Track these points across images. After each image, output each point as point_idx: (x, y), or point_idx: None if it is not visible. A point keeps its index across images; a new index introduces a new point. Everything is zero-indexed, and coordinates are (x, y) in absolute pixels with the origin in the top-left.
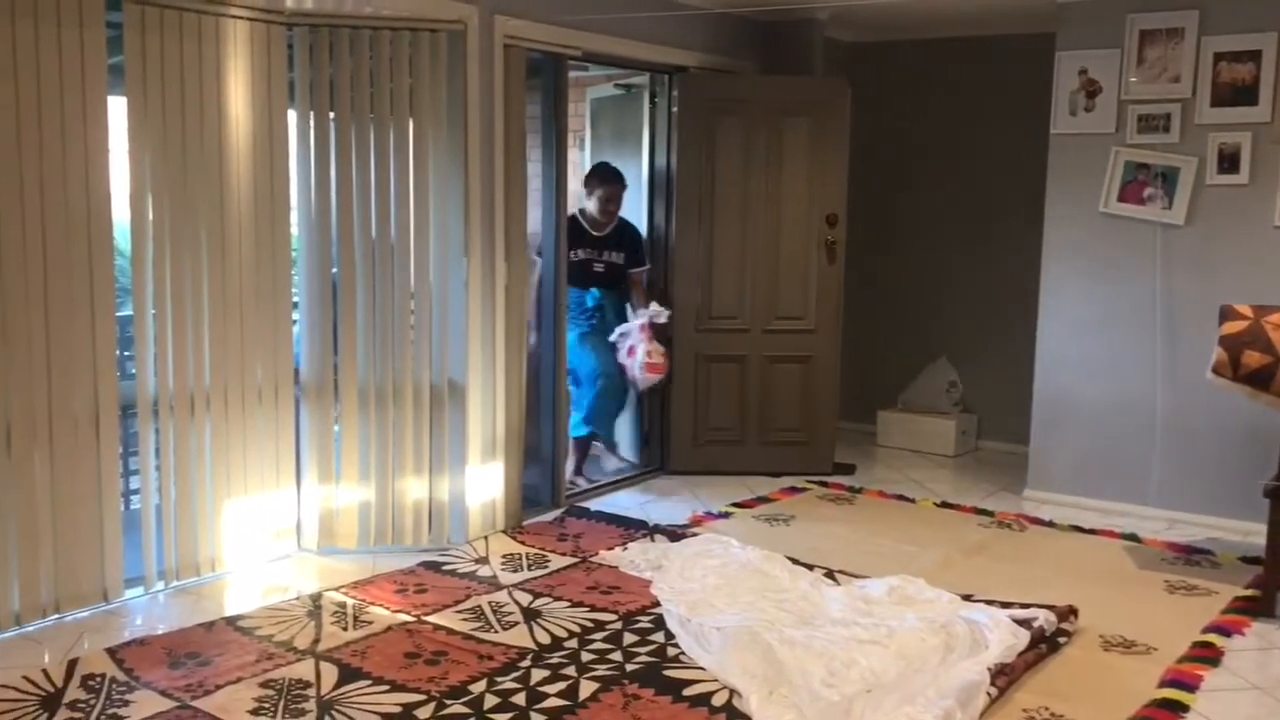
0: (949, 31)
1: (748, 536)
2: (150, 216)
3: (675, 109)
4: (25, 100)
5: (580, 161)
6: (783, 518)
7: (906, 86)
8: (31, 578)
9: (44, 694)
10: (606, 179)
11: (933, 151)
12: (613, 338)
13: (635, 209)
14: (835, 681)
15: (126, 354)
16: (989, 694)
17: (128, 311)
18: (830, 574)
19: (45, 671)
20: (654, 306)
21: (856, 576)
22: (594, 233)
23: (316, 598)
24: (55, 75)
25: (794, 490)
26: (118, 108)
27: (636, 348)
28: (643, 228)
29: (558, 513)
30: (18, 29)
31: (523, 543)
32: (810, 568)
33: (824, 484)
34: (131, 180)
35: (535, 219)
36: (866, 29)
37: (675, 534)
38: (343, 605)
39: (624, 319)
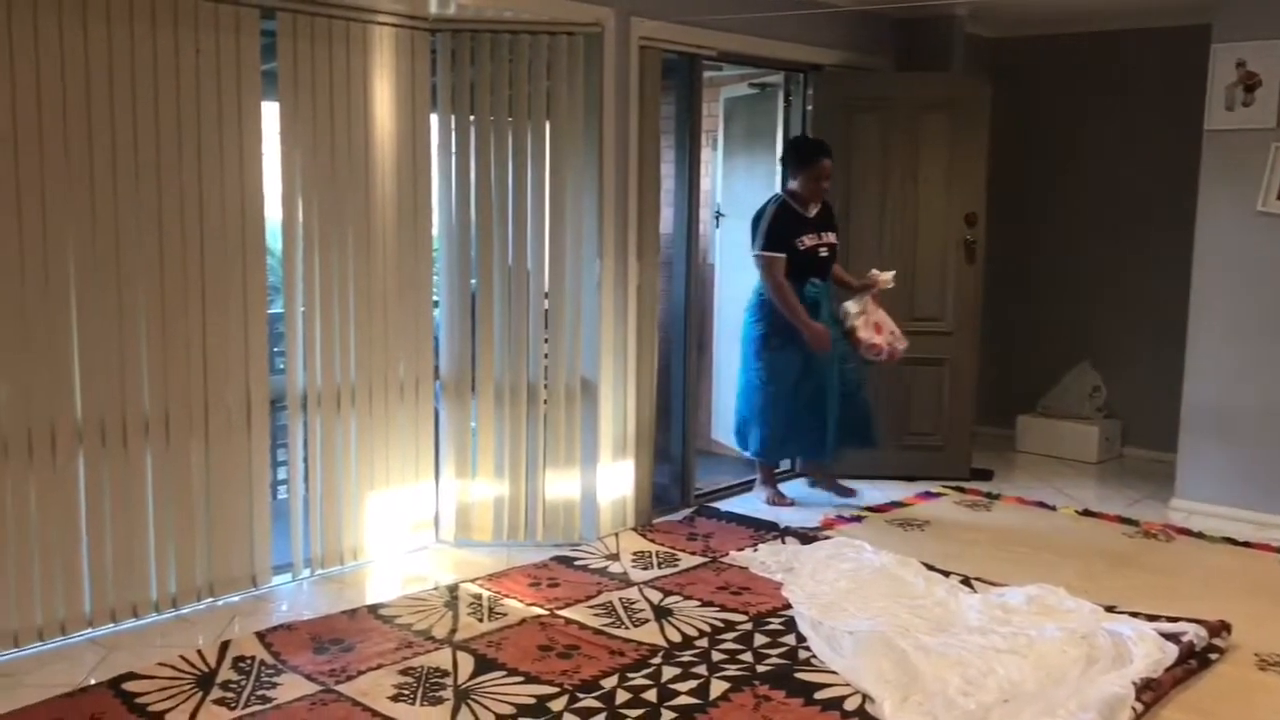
0: (1094, 25)
1: (881, 541)
2: (300, 217)
3: (810, 108)
4: (185, 107)
5: (713, 161)
6: (917, 523)
7: (1049, 82)
8: (187, 562)
9: (199, 673)
10: (818, 152)
11: (1078, 149)
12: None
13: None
14: (972, 690)
15: (277, 350)
16: (1134, 709)
17: (278, 309)
18: (966, 581)
19: (200, 652)
20: (875, 272)
21: (994, 584)
22: (807, 214)
23: (453, 589)
24: (214, 82)
25: (929, 495)
26: (270, 113)
27: (883, 323)
28: None
29: (687, 512)
30: (179, 37)
31: (653, 541)
32: (946, 574)
33: (960, 489)
34: (283, 182)
35: (667, 219)
36: (1007, 24)
37: (807, 537)
38: (478, 597)
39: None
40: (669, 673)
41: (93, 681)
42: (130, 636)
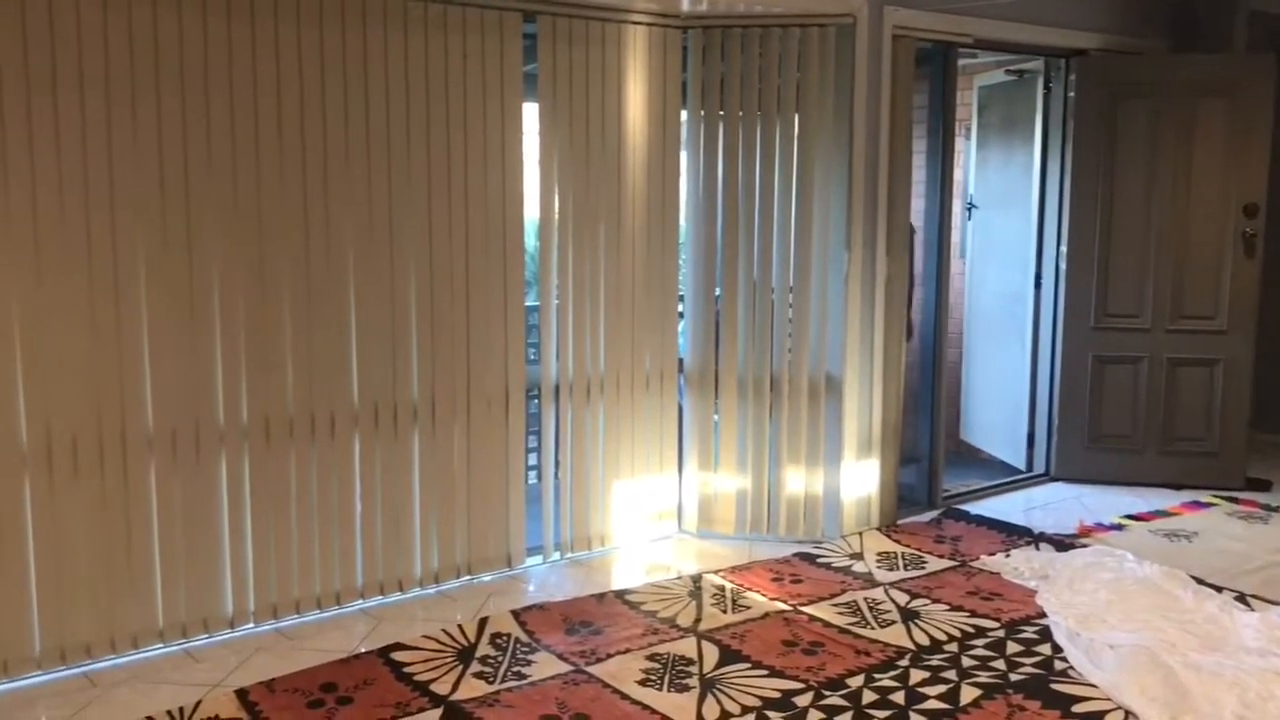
0: None
1: (1144, 551)
2: (555, 214)
3: (1072, 94)
4: (454, 109)
5: (966, 151)
6: (1184, 534)
7: None
8: (448, 541)
9: (460, 647)
10: None
11: None
12: None
13: (1024, 198)
14: (1249, 715)
15: (531, 341)
16: None
17: (533, 302)
18: (1242, 598)
19: (460, 627)
20: None
21: (1274, 603)
22: None
23: (697, 579)
24: (479, 85)
25: (1198, 505)
26: (529, 113)
27: None
28: (1033, 219)
29: (934, 514)
30: (449, 42)
31: (898, 541)
32: (1218, 589)
33: (1234, 500)
34: (541, 181)
35: (918, 211)
36: None
37: (1062, 543)
38: (721, 588)
39: None
40: (917, 676)
41: (363, 649)
42: (395, 609)
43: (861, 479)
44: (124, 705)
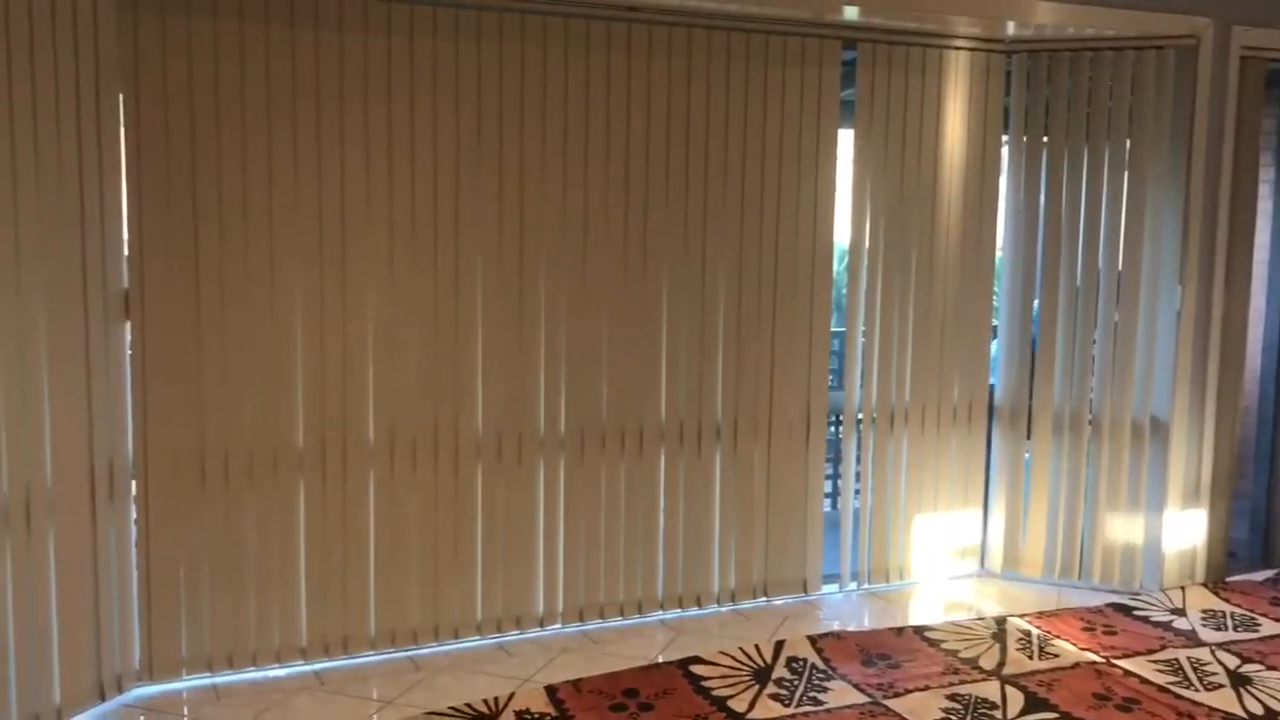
0: None
1: None
2: (866, 240)
3: None
4: (770, 136)
5: None
6: None
7: None
8: (746, 561)
9: (756, 666)
10: None
11: None
12: None
13: None
14: None
15: (834, 368)
16: None
17: (839, 327)
18: None
19: (757, 647)
20: None
21: None
22: None
23: (1001, 621)
24: (796, 111)
25: None
26: (844, 139)
27: None
28: None
29: (1270, 573)
30: (769, 71)
31: (1226, 600)
32: None
33: None
34: (853, 206)
35: (1262, 243)
36: None
37: None
38: (1027, 633)
39: None
40: None
41: (661, 660)
42: (693, 623)
43: (1186, 530)
44: (444, 690)
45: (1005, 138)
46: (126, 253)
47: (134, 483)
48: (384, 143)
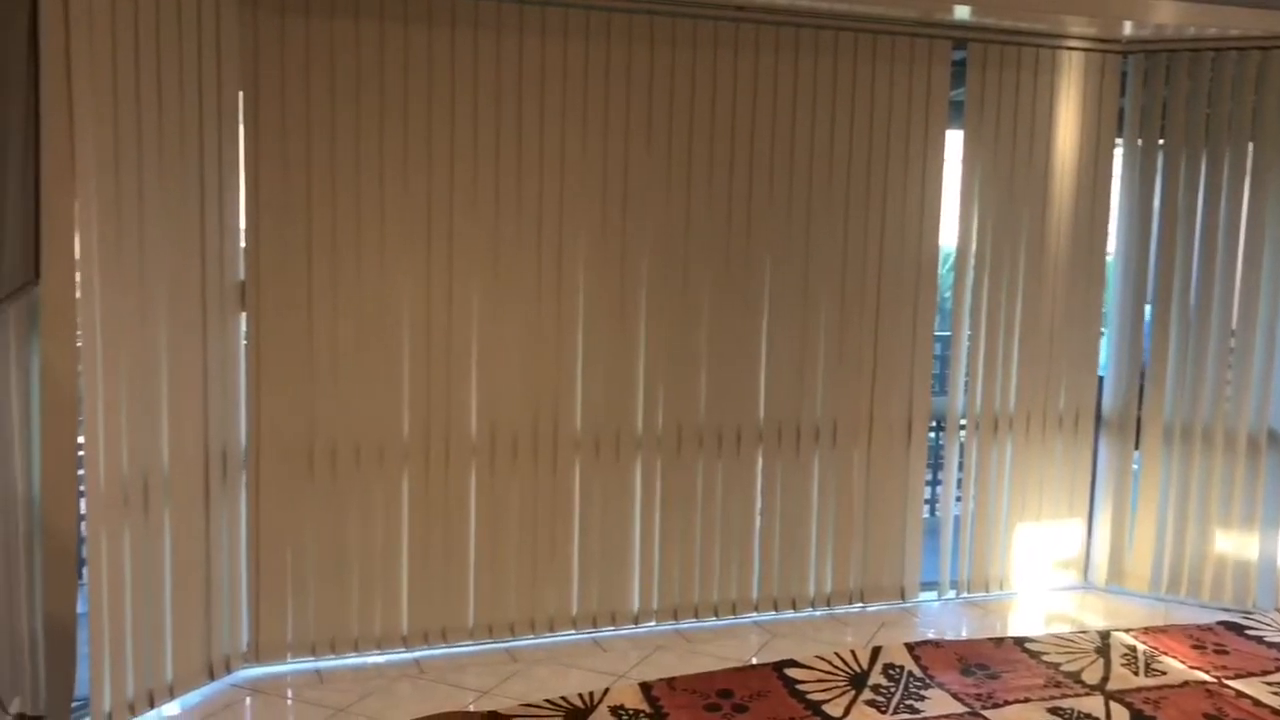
0: None
1: None
2: (973, 243)
3: None
4: (877, 136)
5: None
6: None
7: None
8: (843, 566)
9: (852, 672)
10: None
11: None
12: None
13: None
14: None
15: (937, 373)
16: None
17: (944, 331)
18: None
19: (853, 652)
20: None
21: None
22: None
23: (1105, 635)
24: (904, 112)
25: None
26: (952, 140)
27: None
28: None
29: None
30: (876, 69)
31: None
32: None
33: None
34: (959, 208)
35: None
36: None
37: None
38: (1132, 649)
39: None
40: None
41: (755, 661)
42: (787, 625)
43: None
44: (540, 682)
45: (1119, 140)
46: (243, 245)
47: (245, 471)
48: (491, 143)
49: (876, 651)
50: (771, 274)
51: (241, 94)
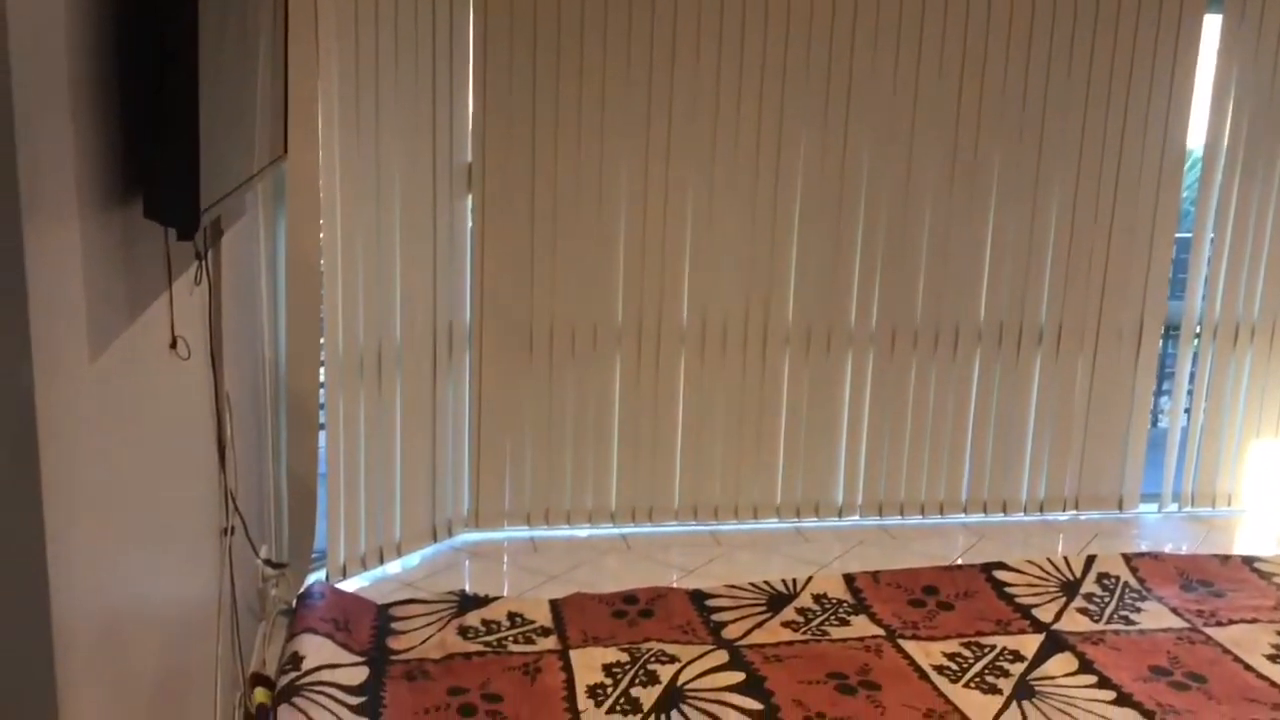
0: None
1: None
2: (1225, 139)
3: None
4: (1125, 19)
5: None
6: None
7: None
8: (1058, 472)
9: (1063, 579)
10: None
11: None
12: None
13: None
14: None
15: (1178, 275)
16: None
17: (1186, 234)
18: None
19: (1066, 559)
20: None
21: None
22: None
23: None
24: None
25: None
26: (1210, 26)
27: None
28: None
29: None
30: None
31: None
32: None
33: None
34: (1213, 102)
35: None
36: None
37: None
38: None
39: None
40: None
41: (961, 562)
42: (996, 529)
43: None
44: (744, 565)
45: None
46: (470, 127)
47: (469, 346)
48: (714, 45)
49: (1090, 560)
50: (1001, 165)
51: None
